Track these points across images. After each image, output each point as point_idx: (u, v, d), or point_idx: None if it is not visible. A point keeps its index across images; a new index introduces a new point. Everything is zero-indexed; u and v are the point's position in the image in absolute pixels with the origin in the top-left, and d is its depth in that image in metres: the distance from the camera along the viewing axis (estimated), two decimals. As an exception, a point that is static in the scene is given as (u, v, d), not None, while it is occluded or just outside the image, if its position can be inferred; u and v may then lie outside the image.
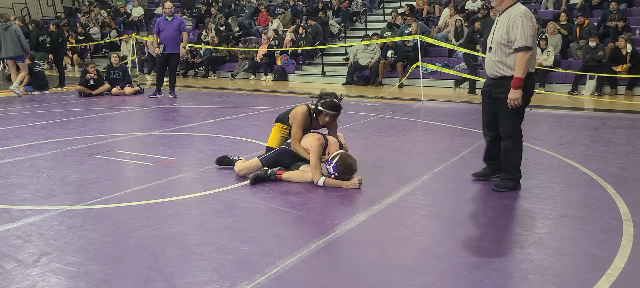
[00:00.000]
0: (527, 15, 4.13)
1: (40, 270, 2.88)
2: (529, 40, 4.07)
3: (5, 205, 3.96)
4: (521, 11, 4.15)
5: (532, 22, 4.13)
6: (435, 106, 9.81)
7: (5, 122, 7.76)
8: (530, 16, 4.14)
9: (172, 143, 6.33)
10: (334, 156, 4.49)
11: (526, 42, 4.06)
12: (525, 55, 4.07)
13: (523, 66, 4.09)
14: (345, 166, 4.45)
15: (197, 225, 3.59)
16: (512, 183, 4.42)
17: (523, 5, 4.26)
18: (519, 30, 4.06)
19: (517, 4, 4.26)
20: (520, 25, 4.07)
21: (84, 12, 21.57)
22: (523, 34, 4.05)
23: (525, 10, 4.18)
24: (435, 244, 3.31)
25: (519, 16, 4.10)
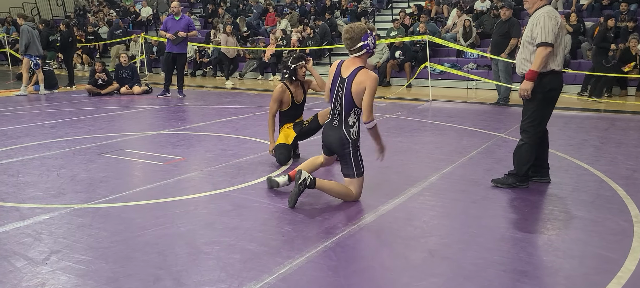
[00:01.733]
0: (551, 14, 4.17)
1: (50, 268, 2.90)
2: (549, 37, 4.11)
3: (15, 204, 3.99)
4: (545, 11, 4.21)
5: (555, 20, 4.15)
6: (444, 106, 9.77)
7: (15, 120, 7.82)
8: (554, 15, 4.18)
9: (180, 142, 6.35)
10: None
11: (546, 38, 4.11)
12: (544, 51, 4.12)
13: (539, 60, 4.14)
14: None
15: (205, 224, 3.60)
16: (513, 180, 4.45)
17: (550, 6, 4.30)
18: (540, 28, 4.14)
19: (546, 5, 4.29)
20: (542, 23, 4.14)
21: (93, 11, 21.69)
22: (544, 31, 4.12)
23: (550, 9, 4.23)
24: (444, 245, 3.30)
25: (542, 14, 4.18)
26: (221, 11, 18.24)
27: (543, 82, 4.23)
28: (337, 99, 4.04)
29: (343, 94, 4.00)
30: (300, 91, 5.37)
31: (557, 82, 4.30)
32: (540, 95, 4.27)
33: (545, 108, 4.30)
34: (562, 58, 4.27)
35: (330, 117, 4.13)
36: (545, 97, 4.27)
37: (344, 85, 4.00)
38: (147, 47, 16.95)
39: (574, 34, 12.41)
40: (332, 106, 4.11)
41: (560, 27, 4.20)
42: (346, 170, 4.11)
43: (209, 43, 16.46)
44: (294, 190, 3.93)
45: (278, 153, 5.20)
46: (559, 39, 4.20)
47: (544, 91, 4.25)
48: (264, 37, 16.44)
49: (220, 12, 18.22)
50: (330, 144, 4.14)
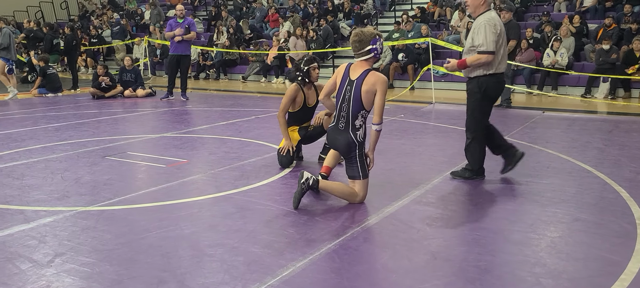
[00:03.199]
0: (491, 22, 4.39)
1: (55, 271, 2.92)
2: (490, 45, 4.38)
3: (20, 206, 4.01)
4: (486, 18, 4.42)
5: (495, 28, 4.38)
6: (447, 109, 9.77)
7: (19, 124, 7.85)
8: (493, 23, 4.39)
9: (183, 145, 6.37)
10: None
11: (487, 47, 4.38)
12: (484, 57, 4.41)
13: (475, 60, 4.44)
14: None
15: (209, 226, 3.61)
16: (469, 174, 4.74)
17: (494, 13, 4.51)
18: (482, 36, 4.39)
19: (489, 11, 4.50)
20: (484, 31, 4.38)
21: (97, 15, 21.77)
22: (485, 40, 4.38)
23: (491, 17, 4.43)
24: (447, 247, 3.30)
25: (483, 23, 4.41)
26: (224, 14, 18.29)
27: (481, 83, 4.50)
28: (343, 101, 4.04)
29: (351, 96, 3.99)
30: (313, 94, 5.35)
31: (495, 85, 4.57)
32: (478, 95, 4.55)
33: (484, 107, 4.58)
34: (502, 61, 4.51)
35: (336, 120, 4.12)
36: (484, 97, 4.54)
37: (353, 88, 3.99)
38: (151, 50, 17.01)
39: (577, 35, 12.40)
40: (337, 109, 4.11)
41: (500, 34, 4.41)
42: (352, 172, 4.11)
43: (212, 46, 16.50)
44: (297, 191, 3.93)
45: (280, 156, 5.21)
46: (499, 45, 4.42)
47: (482, 92, 4.52)
48: (267, 40, 16.48)
49: (223, 14, 18.27)
50: (337, 147, 4.14)
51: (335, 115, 4.13)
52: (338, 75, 4.18)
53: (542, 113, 9.08)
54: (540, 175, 5.00)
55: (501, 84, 4.64)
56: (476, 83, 4.56)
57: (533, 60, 11.93)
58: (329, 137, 4.22)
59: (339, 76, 4.15)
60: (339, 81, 4.13)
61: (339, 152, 4.18)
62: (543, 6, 15.21)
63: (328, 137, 4.23)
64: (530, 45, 12.16)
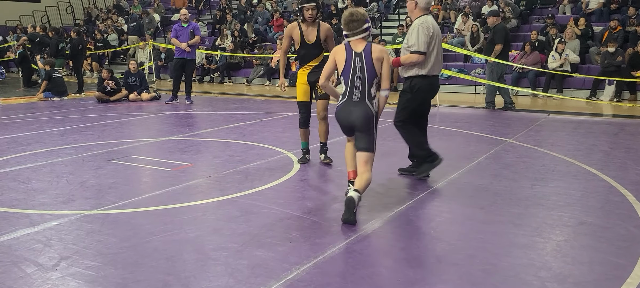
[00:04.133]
0: (424, 25, 4.67)
1: (60, 274, 2.92)
2: (422, 46, 4.65)
3: (25, 210, 4.02)
4: (421, 21, 4.70)
5: (428, 31, 4.64)
6: (451, 112, 9.76)
7: (25, 127, 7.89)
8: (426, 26, 4.66)
9: (188, 148, 6.39)
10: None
11: (419, 47, 4.65)
12: (415, 57, 4.69)
13: (407, 58, 4.74)
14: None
15: (213, 230, 3.61)
16: (426, 165, 4.93)
17: (429, 17, 4.78)
18: (415, 37, 4.66)
19: (425, 15, 4.77)
20: (416, 33, 4.65)
21: (102, 19, 21.87)
22: (417, 41, 4.64)
23: (424, 20, 4.70)
24: (452, 251, 3.29)
25: (417, 25, 4.69)
26: (229, 18, 18.34)
27: (412, 83, 4.80)
28: (355, 72, 4.03)
29: (364, 65, 4.01)
30: (313, 33, 5.36)
31: (426, 85, 4.83)
32: (409, 95, 4.84)
33: (413, 104, 4.84)
34: (435, 64, 4.77)
35: (348, 94, 4.04)
36: (413, 96, 4.82)
37: (362, 58, 4.03)
38: (156, 53, 17.07)
39: (582, 38, 12.37)
40: (349, 83, 4.05)
41: (433, 36, 4.68)
42: (365, 144, 4.04)
43: (216, 49, 16.54)
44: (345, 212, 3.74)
45: (301, 113, 5.52)
46: (432, 47, 4.70)
47: (412, 91, 4.81)
48: (272, 43, 16.51)
49: (228, 18, 18.32)
50: (354, 121, 4.04)
51: (347, 90, 4.06)
52: (337, 55, 4.16)
53: (548, 116, 9.05)
54: (546, 178, 4.98)
55: (433, 85, 4.89)
56: (409, 83, 4.84)
57: (538, 63, 11.90)
58: (341, 114, 4.11)
59: (339, 55, 4.14)
60: (342, 59, 4.10)
61: (355, 127, 4.06)
62: (548, 9, 15.18)
63: (340, 115, 4.11)
64: (535, 48, 12.13)
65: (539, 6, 15.64)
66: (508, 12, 14.21)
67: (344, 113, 4.10)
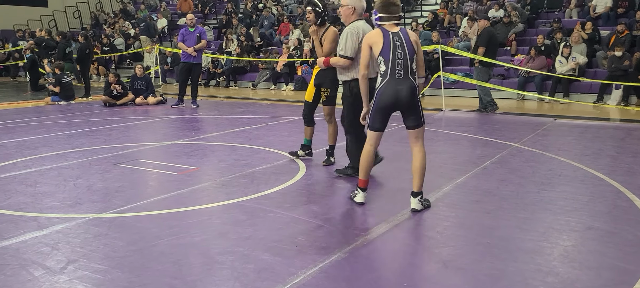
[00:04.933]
0: (353, 31, 4.80)
1: (67, 277, 2.94)
2: (348, 51, 4.79)
3: (33, 213, 4.05)
4: (351, 27, 4.84)
5: (357, 36, 4.77)
6: (457, 116, 9.74)
7: (33, 131, 7.94)
8: (355, 32, 4.79)
9: (194, 152, 6.41)
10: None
11: (346, 52, 4.81)
12: (341, 60, 4.86)
13: (335, 61, 4.94)
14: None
15: (219, 234, 3.62)
16: (351, 171, 5.10)
17: (361, 22, 4.88)
18: (343, 43, 4.83)
19: (357, 21, 4.89)
20: (345, 38, 4.81)
21: (109, 23, 22.00)
22: (345, 46, 4.80)
23: (354, 26, 4.83)
24: (458, 256, 3.28)
25: (346, 31, 4.84)
26: (235, 22, 18.40)
27: (351, 87, 4.89)
28: (396, 50, 4.04)
29: (403, 43, 4.07)
30: (316, 37, 5.38)
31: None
32: (350, 99, 4.93)
33: (356, 109, 4.82)
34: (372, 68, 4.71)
35: (390, 73, 4.03)
36: (355, 100, 4.84)
37: (401, 37, 4.08)
38: (162, 58, 17.13)
39: (589, 42, 12.32)
40: (390, 61, 4.03)
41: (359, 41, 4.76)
42: (416, 121, 4.14)
43: (222, 53, 16.59)
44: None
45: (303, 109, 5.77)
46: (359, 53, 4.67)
47: (352, 95, 4.87)
48: (277, 47, 16.54)
49: (234, 22, 18.38)
50: (402, 98, 4.03)
51: (388, 69, 4.04)
52: (371, 39, 4.13)
53: (554, 120, 9.02)
54: (552, 183, 4.96)
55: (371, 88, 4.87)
56: (347, 87, 4.95)
57: (544, 67, 11.86)
58: (387, 93, 4.04)
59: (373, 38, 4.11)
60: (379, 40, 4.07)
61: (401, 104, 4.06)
62: (554, 13, 15.14)
63: (386, 94, 4.04)
64: (541, 52, 12.10)
65: (546, 10, 15.60)
66: (514, 16, 14.18)
67: (390, 91, 4.05)
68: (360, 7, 4.90)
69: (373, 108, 4.16)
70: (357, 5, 4.88)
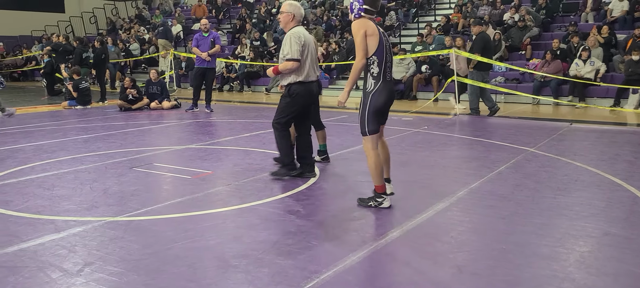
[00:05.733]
0: (295, 35, 5.07)
1: (84, 280, 2.97)
2: (295, 54, 5.03)
3: (51, 216, 4.10)
4: (292, 32, 5.12)
5: (299, 40, 5.04)
6: (472, 120, 9.68)
7: (50, 135, 8.05)
8: (297, 36, 5.06)
9: (208, 156, 6.45)
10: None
11: (293, 55, 5.04)
12: (290, 64, 5.06)
13: (285, 66, 5.10)
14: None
15: (233, 238, 3.64)
16: (284, 170, 5.25)
17: (300, 28, 5.20)
18: (288, 47, 5.06)
19: (297, 27, 5.18)
20: (289, 42, 5.06)
21: (124, 28, 22.25)
22: (291, 49, 5.04)
23: (295, 31, 5.11)
24: (473, 261, 3.26)
25: (288, 36, 5.11)
26: (248, 27, 18.50)
27: (291, 90, 5.15)
28: (388, 53, 4.13)
29: (389, 45, 4.21)
30: None
31: (304, 91, 5.17)
32: (288, 99, 5.18)
33: (290, 108, 5.17)
34: (310, 71, 5.15)
35: (383, 75, 4.08)
36: (293, 101, 5.15)
37: (387, 38, 4.22)
38: (176, 62, 17.28)
39: (606, 46, 12.19)
40: (383, 63, 4.05)
41: (304, 45, 5.07)
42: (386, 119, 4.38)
43: (236, 58, 16.69)
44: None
45: None
46: (305, 55, 5.09)
47: (290, 96, 5.15)
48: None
49: (247, 27, 18.48)
50: (392, 99, 4.22)
51: (381, 72, 4.06)
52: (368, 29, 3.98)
53: (570, 125, 8.93)
54: (569, 188, 4.91)
55: (310, 91, 5.23)
56: (288, 90, 5.20)
57: (560, 71, 11.76)
58: (382, 98, 4.09)
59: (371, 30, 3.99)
60: (376, 37, 4.01)
61: (390, 106, 4.21)
62: (570, 16, 15.00)
63: (381, 100, 4.08)
64: (556, 57, 11.99)
65: (561, 14, 15.47)
66: (529, 20, 14.08)
67: (386, 94, 4.09)
68: (299, 14, 5.22)
69: (369, 112, 4.09)
70: (296, 13, 5.20)
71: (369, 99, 4.08)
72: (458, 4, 16.96)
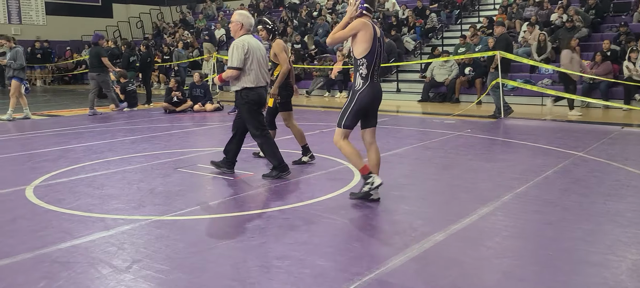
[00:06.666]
0: (239, 44, 5.24)
1: (132, 276, 3.07)
2: (234, 62, 5.22)
3: (100, 214, 4.25)
4: (237, 41, 5.28)
5: (243, 49, 5.20)
6: (517, 124, 9.46)
7: (99, 136, 8.33)
8: (241, 44, 5.23)
9: (250, 158, 6.53)
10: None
11: (232, 63, 5.24)
12: (230, 71, 5.27)
13: (227, 75, 5.33)
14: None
15: (275, 238, 3.68)
16: (276, 172, 5.38)
17: (248, 37, 5.33)
18: (231, 55, 5.26)
19: (245, 35, 5.33)
20: (232, 51, 5.25)
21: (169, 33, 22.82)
22: (231, 58, 5.24)
23: (241, 40, 5.27)
24: (518, 266, 3.19)
25: (233, 44, 5.28)
26: (289, 30, 18.65)
27: (242, 96, 5.31)
28: (378, 57, 4.35)
29: (382, 49, 4.41)
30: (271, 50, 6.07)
31: (255, 95, 5.32)
32: (245, 106, 5.34)
33: (252, 113, 5.34)
34: (258, 77, 5.31)
35: (371, 76, 4.36)
36: (249, 108, 5.33)
37: (381, 41, 4.40)
38: (219, 66, 17.59)
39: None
40: (372, 66, 4.33)
41: (248, 53, 5.21)
42: (376, 119, 4.58)
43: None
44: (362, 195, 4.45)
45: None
46: (250, 62, 5.25)
47: (245, 102, 5.32)
48: (331, 55, 16.64)
49: (288, 31, 18.64)
50: (377, 100, 4.46)
51: (369, 73, 4.34)
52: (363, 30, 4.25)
53: (621, 128, 8.60)
54: (620, 194, 4.73)
55: (260, 94, 5.37)
56: (239, 96, 5.36)
57: (610, 73, 11.35)
58: (368, 98, 4.36)
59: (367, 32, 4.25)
60: (370, 39, 4.26)
61: (375, 106, 4.47)
62: (621, 17, 14.45)
63: (366, 99, 4.36)
64: (606, 58, 11.58)
65: (611, 14, 14.92)
66: (578, 21, 13.65)
67: (371, 94, 4.36)
68: (247, 23, 5.39)
69: (352, 108, 4.37)
70: (245, 22, 5.37)
71: (356, 97, 4.39)
72: (503, 5, 16.60)
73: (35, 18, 23.76)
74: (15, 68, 10.51)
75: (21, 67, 10.60)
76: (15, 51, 10.55)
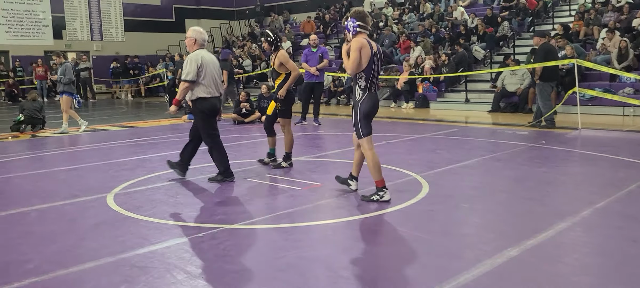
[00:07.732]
0: (193, 58, 5.61)
1: (205, 283, 3.16)
2: (187, 76, 5.61)
3: (175, 222, 4.42)
4: (191, 55, 5.66)
5: (196, 63, 5.57)
6: (595, 135, 8.98)
7: (173, 146, 8.68)
8: (195, 58, 5.60)
9: (317, 169, 6.58)
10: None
11: (185, 77, 5.63)
12: (185, 84, 5.65)
13: (180, 90, 5.71)
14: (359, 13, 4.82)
15: (342, 249, 3.68)
16: (221, 177, 5.83)
17: (202, 51, 5.72)
18: (185, 69, 5.62)
19: (199, 49, 5.71)
20: (186, 64, 5.64)
21: (238, 45, 23.52)
22: (185, 71, 5.60)
23: (195, 54, 5.64)
24: (599, 285, 3.01)
25: (187, 58, 5.67)
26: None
27: (197, 106, 5.72)
28: (376, 70, 4.74)
29: (379, 63, 4.79)
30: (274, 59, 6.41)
31: (208, 105, 5.73)
32: (200, 114, 5.77)
33: (206, 121, 5.80)
34: (211, 87, 5.69)
35: (369, 87, 4.74)
36: (203, 116, 5.77)
37: (378, 58, 4.77)
38: (286, 77, 17.90)
39: None
40: (371, 78, 4.71)
41: (202, 66, 5.59)
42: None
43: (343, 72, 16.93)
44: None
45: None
46: (203, 75, 5.62)
47: (201, 111, 5.74)
48: (398, 65, 16.52)
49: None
50: (377, 107, 4.83)
51: (368, 85, 4.73)
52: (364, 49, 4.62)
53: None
54: None
55: (212, 104, 5.75)
56: (196, 105, 5.74)
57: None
58: (370, 104, 4.75)
59: (366, 50, 4.63)
60: (368, 55, 4.64)
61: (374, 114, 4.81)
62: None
63: (369, 105, 4.74)
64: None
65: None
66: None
67: (372, 102, 4.76)
68: (201, 39, 5.78)
69: (361, 117, 4.75)
70: (198, 38, 5.77)
71: (358, 107, 4.76)
72: (579, 11, 15.88)
73: (115, 35, 25.24)
74: (65, 82, 10.80)
75: (70, 82, 10.87)
76: (64, 66, 10.84)
